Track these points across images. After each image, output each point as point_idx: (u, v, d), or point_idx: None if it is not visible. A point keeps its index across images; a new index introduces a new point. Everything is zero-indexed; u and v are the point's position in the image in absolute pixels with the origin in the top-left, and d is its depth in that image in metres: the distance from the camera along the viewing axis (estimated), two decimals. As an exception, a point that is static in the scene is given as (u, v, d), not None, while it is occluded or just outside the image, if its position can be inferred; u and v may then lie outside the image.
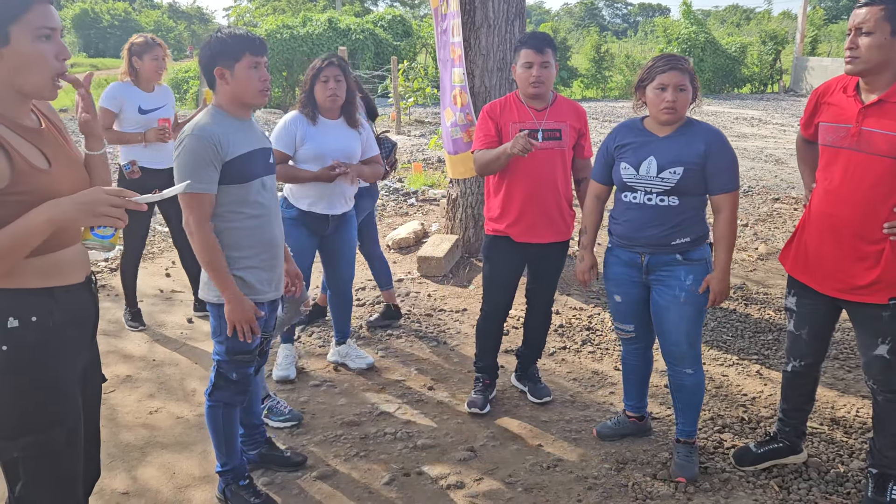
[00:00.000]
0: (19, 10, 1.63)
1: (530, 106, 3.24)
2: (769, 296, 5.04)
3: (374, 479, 2.93)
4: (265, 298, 2.60)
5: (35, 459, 1.74)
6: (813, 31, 24.92)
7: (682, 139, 2.76)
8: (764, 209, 7.65)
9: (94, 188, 1.66)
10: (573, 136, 3.28)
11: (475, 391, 3.51)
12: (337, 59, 3.46)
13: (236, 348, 2.56)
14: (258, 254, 2.55)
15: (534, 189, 3.22)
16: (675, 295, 2.82)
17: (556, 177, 3.24)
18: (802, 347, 2.83)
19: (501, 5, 5.11)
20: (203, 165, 2.38)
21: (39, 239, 1.62)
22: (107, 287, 5.14)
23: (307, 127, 3.45)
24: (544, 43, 3.15)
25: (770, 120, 15.76)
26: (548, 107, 3.26)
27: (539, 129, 3.21)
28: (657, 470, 2.98)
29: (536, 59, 3.12)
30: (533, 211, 3.24)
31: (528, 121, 3.22)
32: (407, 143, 11.97)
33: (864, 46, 2.39)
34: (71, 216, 1.62)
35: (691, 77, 2.73)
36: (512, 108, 3.27)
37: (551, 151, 3.22)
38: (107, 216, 1.63)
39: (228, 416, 2.66)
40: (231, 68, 2.41)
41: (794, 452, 2.99)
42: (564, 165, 3.28)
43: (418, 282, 5.29)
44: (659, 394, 3.62)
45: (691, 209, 2.79)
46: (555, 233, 3.32)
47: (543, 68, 3.14)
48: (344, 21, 21.54)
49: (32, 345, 1.71)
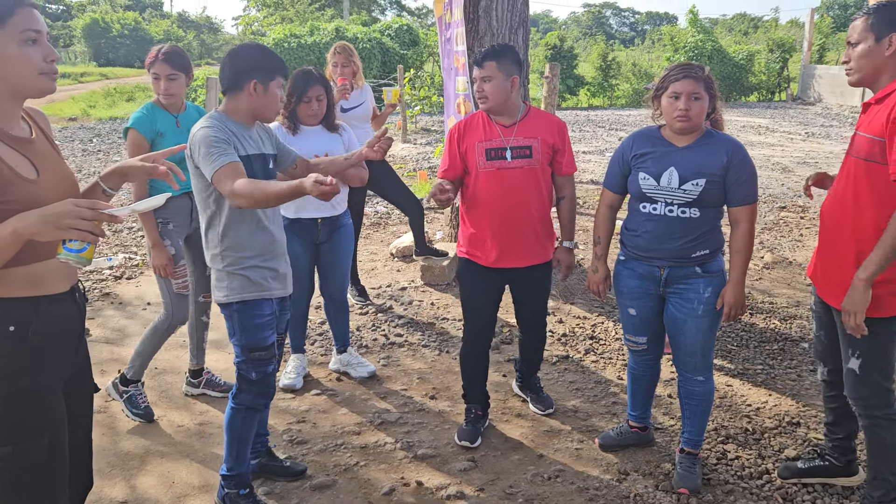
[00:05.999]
0: (4, 16, 1.63)
1: (498, 122, 3.07)
2: (775, 305, 5.01)
3: (374, 489, 2.91)
4: (272, 295, 2.65)
5: (14, 470, 1.71)
6: (821, 39, 24.85)
7: (703, 150, 2.70)
8: (770, 218, 7.60)
9: (65, 200, 1.60)
10: (546, 152, 3.07)
11: (466, 422, 3.30)
12: (319, 76, 3.51)
13: (251, 344, 2.61)
14: (259, 254, 2.61)
15: (504, 212, 3.05)
16: (692, 308, 2.78)
17: (528, 197, 3.06)
18: (824, 350, 2.78)
19: (505, 14, 5.11)
20: (217, 142, 2.39)
21: (10, 251, 1.58)
22: (111, 295, 5.15)
23: (285, 136, 3.51)
24: (484, 57, 2.99)
25: (777, 128, 15.71)
26: (516, 122, 3.07)
27: (507, 148, 3.03)
28: (660, 481, 2.95)
29: (478, 74, 2.99)
30: (504, 235, 3.07)
31: (495, 138, 3.05)
32: (413, 152, 11.98)
33: (854, 57, 2.45)
34: (36, 229, 1.56)
35: (707, 85, 2.67)
36: (478, 127, 3.10)
37: (521, 171, 3.04)
38: (75, 229, 1.56)
39: (248, 420, 2.69)
40: (266, 85, 2.51)
41: (846, 474, 2.86)
42: (538, 184, 3.09)
43: (421, 290, 5.27)
44: (662, 404, 3.59)
45: (711, 220, 2.75)
46: (530, 255, 3.14)
47: (485, 82, 2.97)
48: (351, 30, 21.67)
49: (10, 354, 1.68)
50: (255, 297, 2.60)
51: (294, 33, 20.79)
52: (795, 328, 4.59)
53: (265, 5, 37.10)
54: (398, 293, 5.20)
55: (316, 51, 20.17)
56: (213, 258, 2.61)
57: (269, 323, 2.64)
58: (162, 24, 41.17)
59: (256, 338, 2.61)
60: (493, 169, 3.04)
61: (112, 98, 20.31)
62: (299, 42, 20.20)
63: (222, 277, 2.60)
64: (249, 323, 2.60)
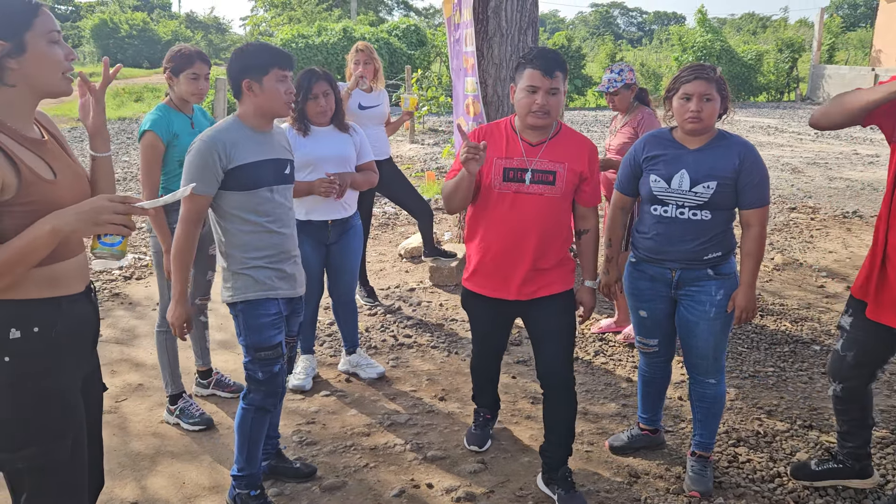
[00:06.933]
0: (31, 17, 1.67)
1: (524, 138, 2.67)
2: (785, 307, 4.98)
3: (384, 491, 2.90)
4: (277, 294, 2.65)
5: (39, 471, 1.73)
6: (830, 39, 24.72)
7: (714, 152, 2.68)
8: (780, 219, 7.57)
9: (97, 196, 1.66)
10: (572, 180, 2.66)
11: (475, 425, 3.23)
12: (322, 73, 3.51)
13: (256, 344, 2.62)
14: (265, 255, 2.61)
15: (512, 242, 2.67)
16: (704, 310, 2.76)
17: (544, 229, 2.66)
18: (844, 370, 2.70)
19: (514, 15, 5.10)
20: (203, 168, 2.47)
21: (46, 249, 1.63)
22: (121, 295, 5.16)
23: (296, 138, 3.49)
24: (555, 64, 2.55)
25: (786, 128, 15.64)
26: (546, 141, 2.67)
27: (528, 170, 2.63)
28: (670, 484, 2.94)
29: (543, 84, 2.54)
30: (508, 267, 2.70)
31: (516, 156, 2.64)
32: (420, 152, 11.99)
33: None
34: (74, 226, 1.62)
35: (719, 86, 2.65)
36: (500, 140, 2.69)
37: (538, 199, 2.63)
38: (111, 224, 1.63)
39: (258, 421, 2.69)
40: (259, 81, 2.50)
41: (860, 476, 2.83)
42: (557, 215, 2.68)
43: (430, 291, 5.27)
44: (672, 406, 3.57)
45: (723, 223, 2.72)
46: (541, 289, 2.74)
47: (551, 95, 2.55)
48: (359, 30, 21.68)
49: (35, 356, 1.70)
50: (260, 297, 2.61)
51: (302, 33, 20.82)
52: (807, 330, 4.56)
53: (273, 6, 37.20)
54: (407, 294, 5.20)
55: (323, 51, 20.19)
56: (221, 257, 2.65)
57: (274, 322, 2.64)
58: (170, 25, 41.26)
59: (262, 337, 2.62)
60: (509, 192, 2.65)
61: (120, 98, 20.40)
62: (307, 42, 20.22)
63: (228, 277, 2.62)
64: (255, 322, 2.61)
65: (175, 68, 3.24)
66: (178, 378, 3.44)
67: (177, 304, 2.56)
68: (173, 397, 3.42)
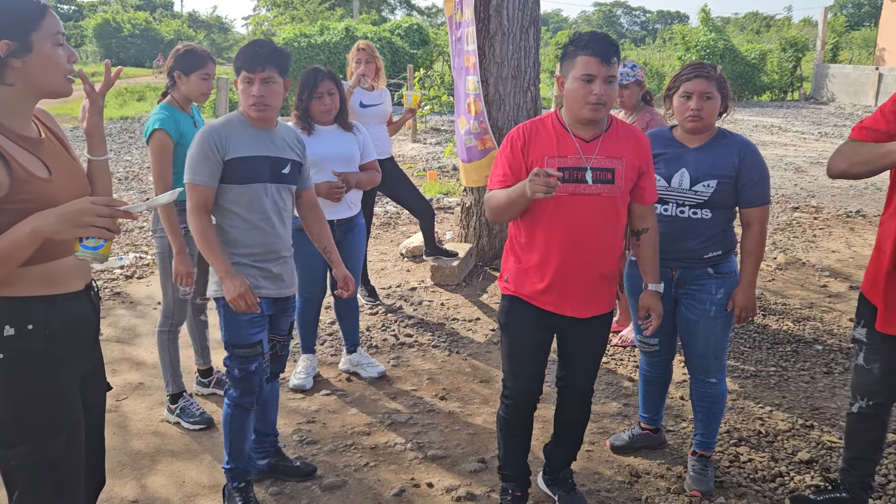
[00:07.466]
0: (39, 18, 1.68)
1: (576, 134, 2.39)
2: (788, 306, 4.96)
3: (384, 490, 2.90)
4: (260, 294, 2.63)
5: (33, 468, 1.73)
6: (834, 38, 24.68)
7: (714, 151, 2.68)
8: (783, 218, 7.55)
9: (82, 198, 1.64)
10: (630, 176, 2.41)
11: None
12: (327, 71, 3.51)
13: (234, 341, 2.63)
14: (251, 253, 2.63)
15: (571, 248, 2.40)
16: (704, 309, 2.75)
17: (603, 233, 2.42)
18: (872, 385, 2.49)
19: (516, 13, 5.10)
20: (201, 159, 2.54)
21: (28, 250, 1.61)
22: (122, 294, 5.16)
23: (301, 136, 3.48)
24: (612, 50, 2.29)
25: (790, 128, 15.61)
26: (601, 135, 2.40)
27: (587, 168, 2.36)
28: (671, 483, 2.93)
29: (601, 72, 2.27)
30: (567, 277, 2.43)
31: (572, 154, 2.36)
32: (422, 151, 11.98)
33: None
34: (55, 227, 1.59)
35: (720, 84, 2.65)
36: (549, 136, 2.40)
37: (599, 199, 2.37)
38: (93, 227, 1.60)
39: (238, 418, 2.69)
40: (238, 77, 2.60)
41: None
42: (617, 218, 2.44)
43: (431, 290, 5.26)
44: (674, 406, 3.56)
45: (723, 222, 2.72)
46: (594, 306, 2.51)
47: (608, 84, 2.29)
48: (361, 30, 21.68)
49: (29, 353, 1.70)
50: None
51: (304, 33, 20.82)
52: (809, 330, 4.55)
53: (275, 5, 37.20)
54: (408, 293, 5.20)
55: (326, 50, 20.18)
56: None
57: (254, 321, 2.63)
58: (172, 24, 41.34)
59: (240, 335, 2.63)
60: (566, 194, 2.35)
61: (123, 98, 20.41)
62: (309, 42, 20.22)
63: (213, 272, 2.63)
64: (234, 319, 2.61)
65: (187, 68, 3.24)
66: (178, 377, 3.44)
67: (225, 279, 2.52)
68: (174, 396, 3.42)
